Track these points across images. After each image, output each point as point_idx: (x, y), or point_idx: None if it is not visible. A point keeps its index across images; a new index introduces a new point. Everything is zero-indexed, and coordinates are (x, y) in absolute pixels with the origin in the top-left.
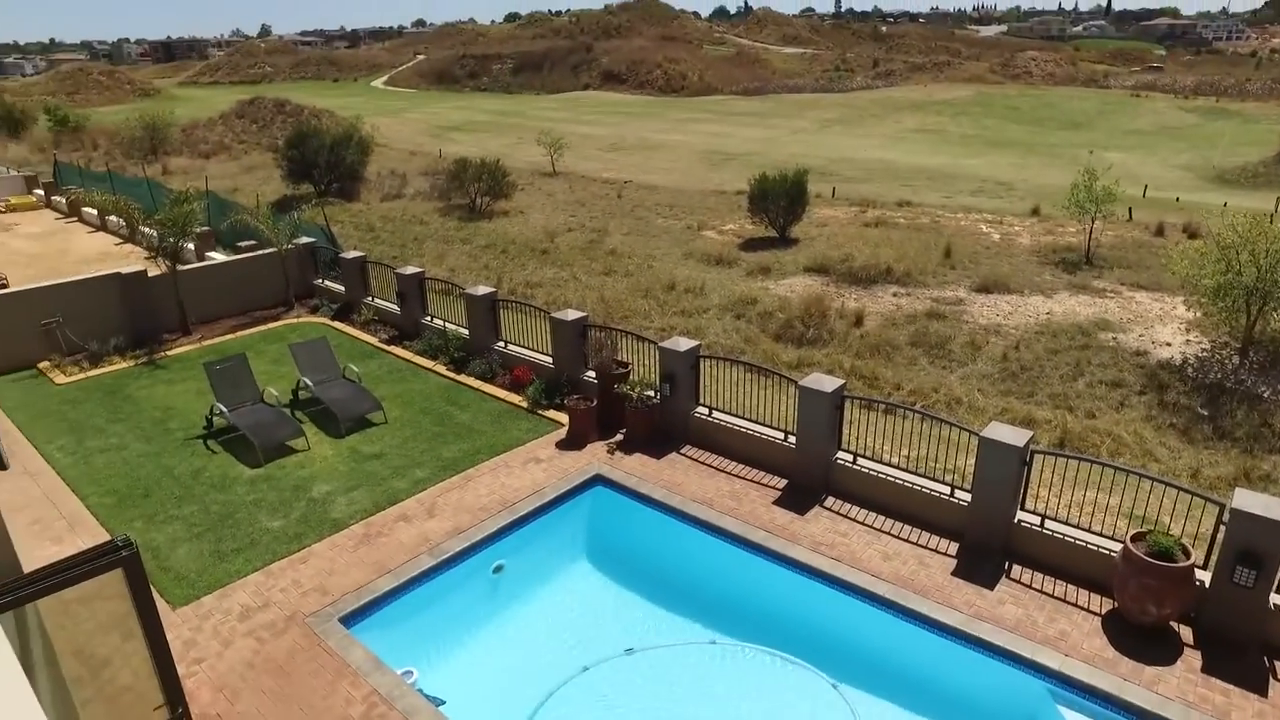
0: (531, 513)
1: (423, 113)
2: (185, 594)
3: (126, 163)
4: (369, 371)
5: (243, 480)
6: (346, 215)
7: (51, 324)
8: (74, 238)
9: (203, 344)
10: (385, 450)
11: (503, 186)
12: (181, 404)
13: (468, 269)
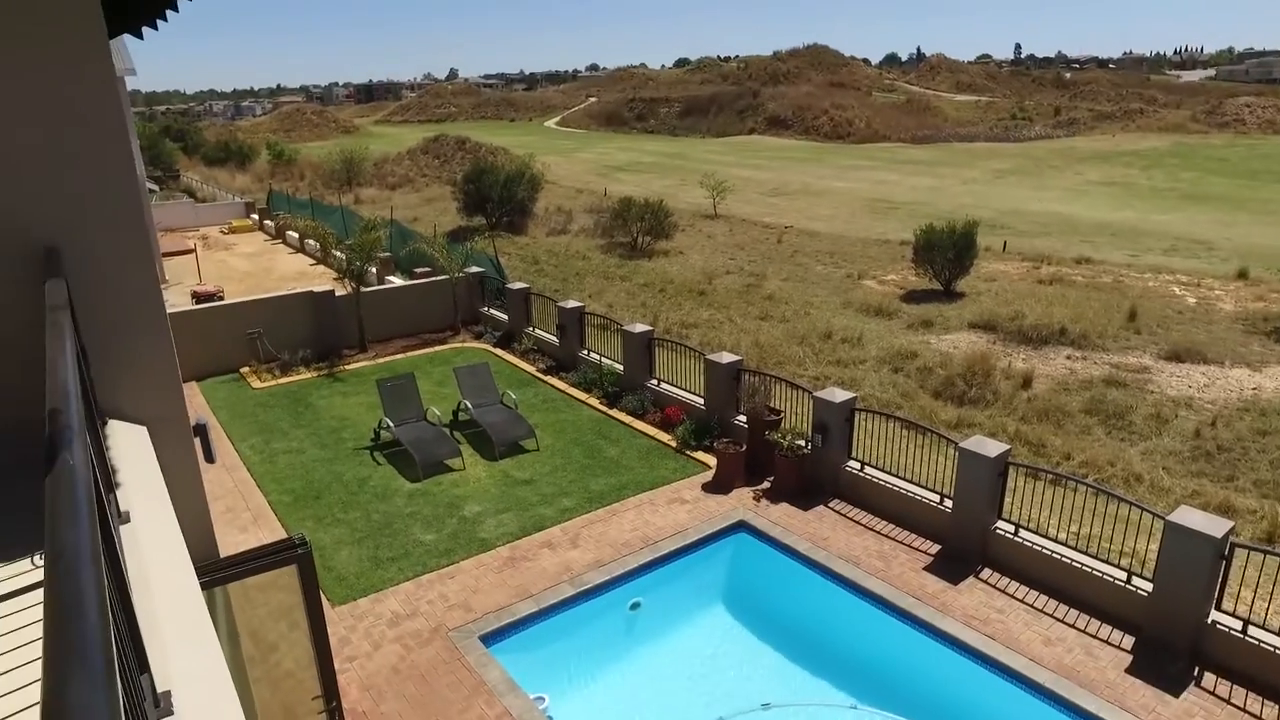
0: (673, 553)
1: (591, 153)
2: (344, 594)
3: (325, 192)
4: (525, 399)
5: (402, 493)
6: (514, 248)
7: (255, 334)
8: (278, 257)
9: (377, 361)
10: (535, 477)
11: (664, 227)
12: (354, 415)
13: (625, 306)
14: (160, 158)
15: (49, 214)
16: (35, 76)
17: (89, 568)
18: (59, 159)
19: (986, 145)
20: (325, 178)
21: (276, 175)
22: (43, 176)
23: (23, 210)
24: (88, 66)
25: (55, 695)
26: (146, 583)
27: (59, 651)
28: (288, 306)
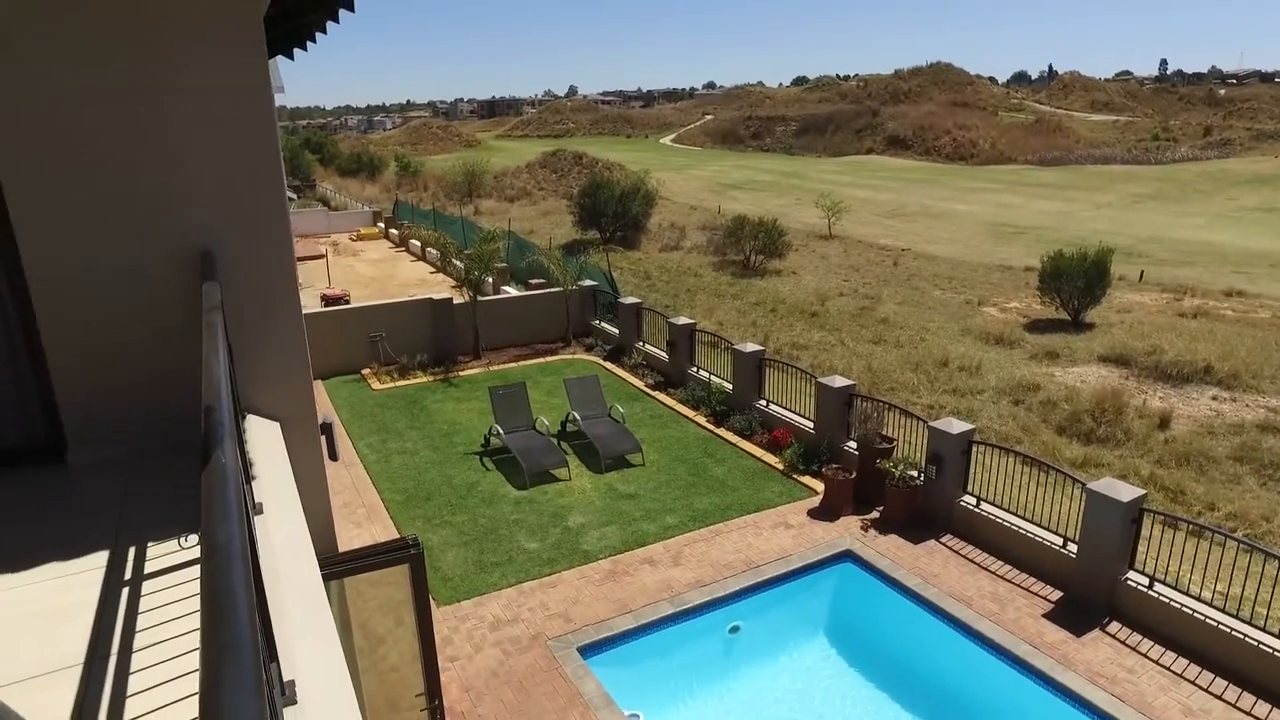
0: (776, 578)
1: (705, 170)
2: (449, 595)
3: (447, 203)
4: (633, 413)
5: (509, 499)
6: (626, 262)
7: (377, 337)
8: (400, 265)
9: (489, 369)
10: (639, 492)
11: (777, 246)
12: (466, 421)
13: (736, 324)
14: (300, 168)
15: (207, 220)
16: (204, 93)
17: (239, 566)
18: (219, 170)
19: (1124, 168)
20: (447, 189)
21: (402, 186)
22: (205, 186)
23: (186, 216)
24: (249, 85)
25: (211, 693)
26: (275, 573)
27: (214, 650)
28: (408, 312)
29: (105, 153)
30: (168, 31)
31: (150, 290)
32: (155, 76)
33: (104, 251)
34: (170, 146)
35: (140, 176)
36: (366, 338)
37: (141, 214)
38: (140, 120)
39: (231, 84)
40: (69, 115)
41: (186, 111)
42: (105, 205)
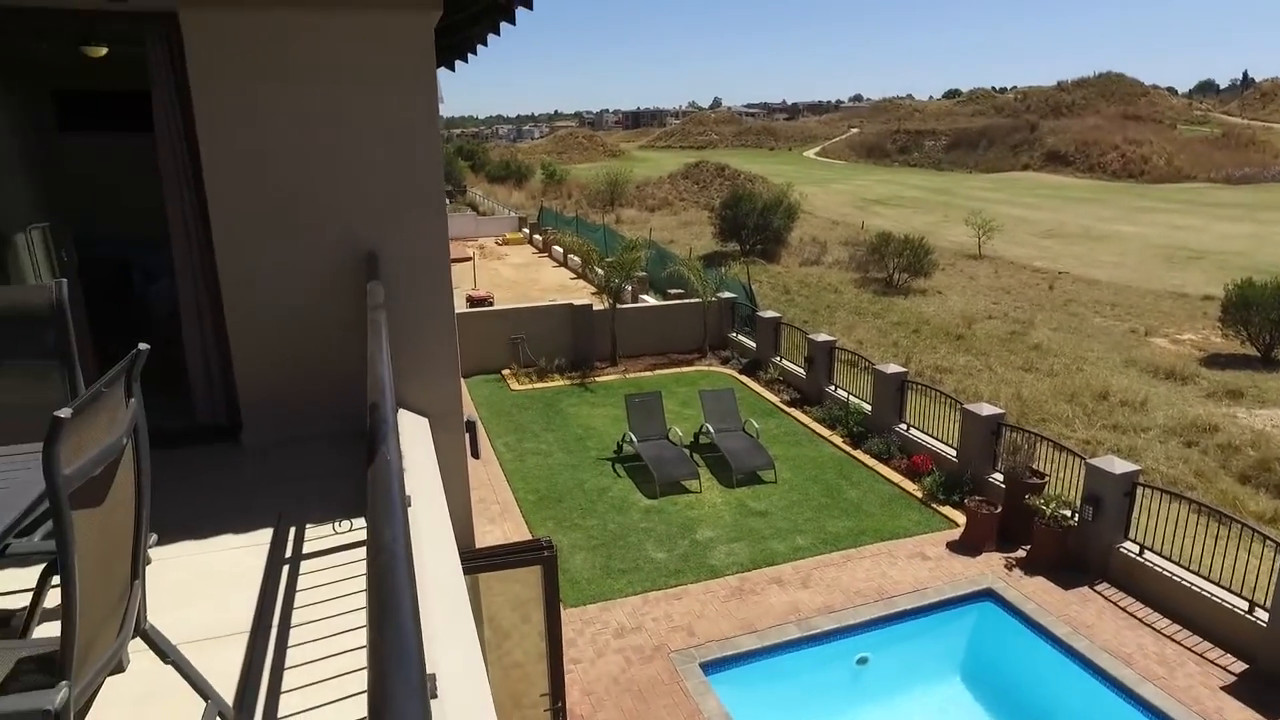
0: (909, 611)
1: (849, 184)
2: (575, 598)
3: (590, 211)
4: (767, 429)
5: (639, 507)
6: (765, 276)
7: (518, 339)
8: (542, 270)
9: (625, 376)
10: (770, 510)
11: (923, 265)
12: (600, 426)
13: (876, 344)
14: (452, 174)
15: (373, 222)
16: (377, 105)
17: (403, 567)
18: (387, 174)
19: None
20: (590, 197)
21: (548, 193)
22: (372, 190)
23: (357, 218)
24: (419, 96)
25: (379, 696)
26: (422, 565)
27: (381, 651)
28: (549, 316)
29: (288, 163)
30: (346, 47)
31: (318, 289)
32: (334, 90)
33: (281, 253)
34: (344, 155)
35: (316, 184)
36: (508, 339)
37: (315, 218)
38: (320, 132)
39: (402, 94)
40: (260, 130)
41: (360, 122)
42: (286, 211)
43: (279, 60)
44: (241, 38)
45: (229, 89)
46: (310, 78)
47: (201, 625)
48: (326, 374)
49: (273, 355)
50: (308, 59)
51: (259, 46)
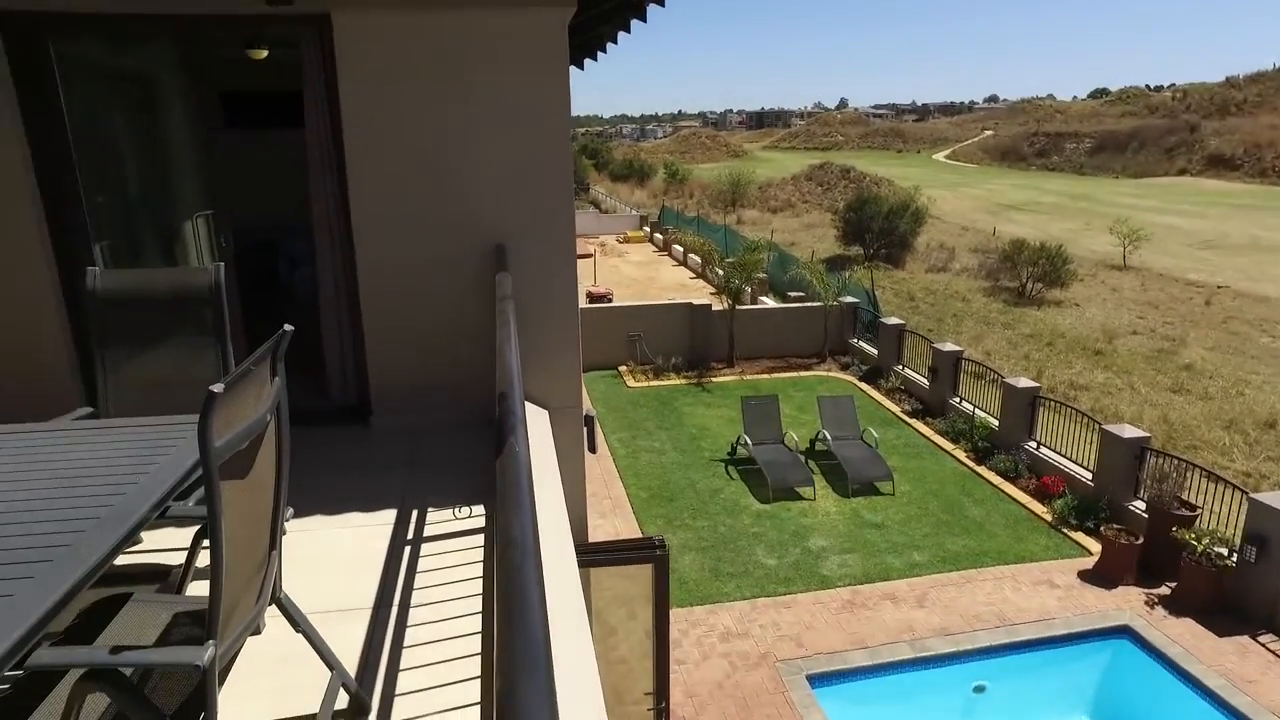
0: (1034, 641)
1: (981, 189)
2: (682, 598)
3: (711, 211)
4: (886, 439)
5: (750, 511)
6: (889, 281)
7: (635, 337)
8: (662, 268)
9: (742, 378)
10: (887, 522)
11: (1060, 274)
12: (715, 427)
13: (1005, 356)
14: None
15: (504, 215)
16: (513, 98)
17: (532, 563)
18: (518, 169)
19: None
20: (712, 197)
21: (669, 193)
22: (505, 184)
23: (488, 211)
24: (552, 92)
25: (508, 698)
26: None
27: (510, 650)
28: (667, 315)
29: (425, 157)
30: (483, 45)
31: (449, 279)
32: (470, 87)
33: (415, 245)
34: (478, 150)
35: (451, 177)
36: (626, 336)
37: (448, 211)
38: (456, 127)
39: (536, 91)
40: (400, 126)
41: (495, 118)
42: (421, 204)
43: (419, 58)
44: (386, 37)
45: (372, 86)
46: (448, 75)
47: (328, 598)
48: (453, 363)
49: (403, 342)
50: (446, 56)
51: (401, 45)
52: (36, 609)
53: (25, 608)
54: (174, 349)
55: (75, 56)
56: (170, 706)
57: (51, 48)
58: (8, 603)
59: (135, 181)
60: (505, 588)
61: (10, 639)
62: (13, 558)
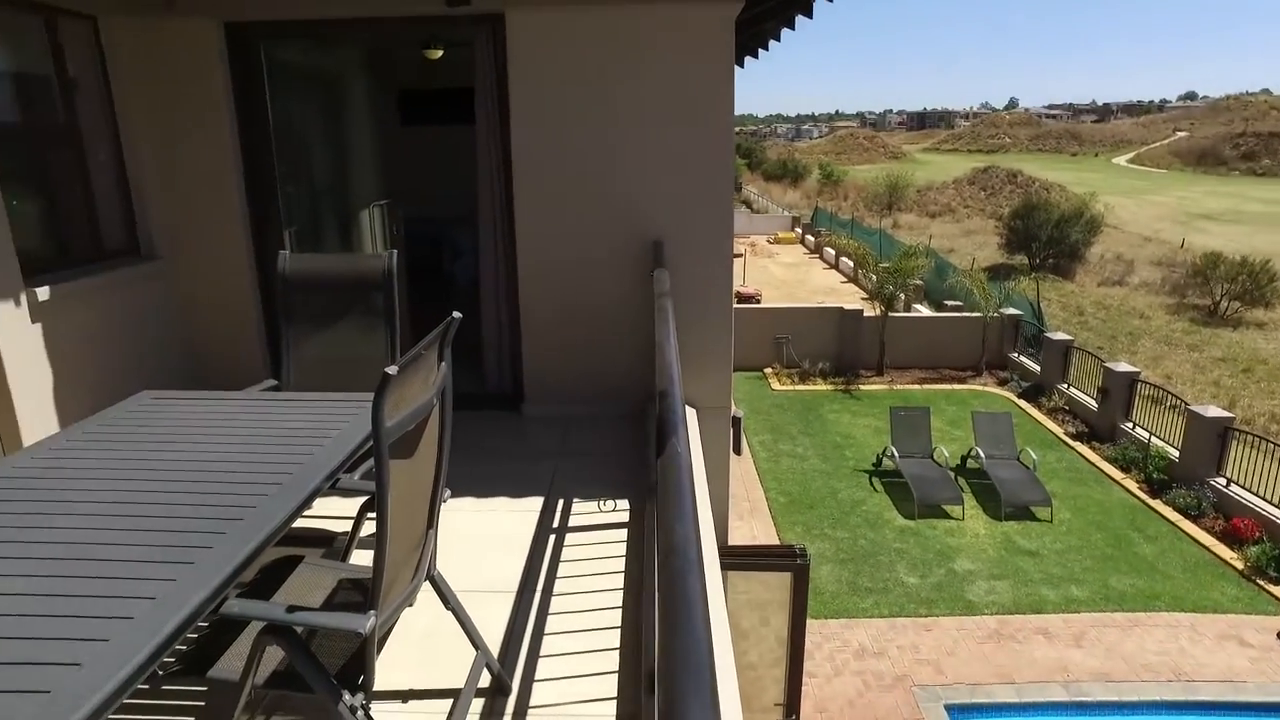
0: (1217, 705)
1: (1169, 196)
2: (816, 609)
3: (865, 214)
4: (1045, 462)
5: (893, 526)
6: (1055, 293)
7: (783, 339)
8: (812, 271)
9: (891, 387)
10: (1042, 551)
11: (1263, 292)
12: (860, 436)
13: (1190, 381)
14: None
15: (662, 212)
16: (677, 94)
17: (696, 572)
18: (680, 165)
19: None
20: (867, 200)
21: (823, 194)
22: (666, 180)
23: (647, 208)
24: (717, 89)
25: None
26: None
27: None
28: (816, 318)
29: (588, 153)
30: (651, 41)
31: (606, 274)
32: (636, 83)
33: (574, 239)
34: (640, 146)
35: (612, 173)
36: (773, 338)
37: (609, 207)
38: (620, 123)
39: (701, 87)
40: (566, 121)
41: (659, 114)
42: (582, 199)
43: (586, 55)
44: (555, 34)
45: (540, 83)
46: (613, 71)
47: (475, 578)
48: (604, 356)
49: (558, 334)
50: (612, 53)
51: (569, 42)
52: (231, 562)
53: (222, 560)
54: (348, 329)
55: (278, 60)
56: (333, 667)
57: (263, 52)
58: (208, 554)
59: (321, 173)
60: (667, 595)
61: (210, 585)
62: (213, 514)
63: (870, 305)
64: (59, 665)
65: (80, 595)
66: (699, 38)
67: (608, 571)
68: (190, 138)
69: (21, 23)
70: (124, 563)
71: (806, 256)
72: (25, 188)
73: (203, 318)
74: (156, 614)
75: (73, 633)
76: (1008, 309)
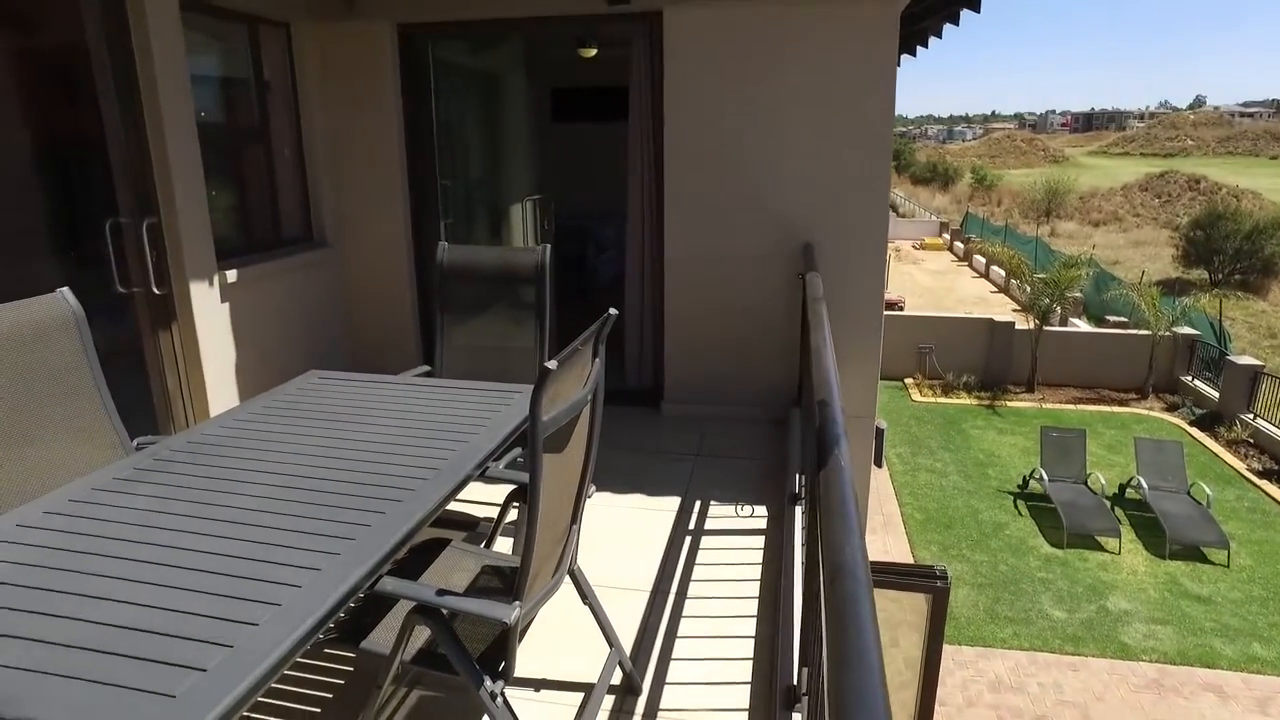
0: None
1: None
2: (950, 634)
3: (1020, 221)
4: (1222, 499)
5: (1038, 554)
6: (1242, 313)
7: (926, 349)
8: (959, 279)
9: (1042, 406)
10: (1216, 598)
11: None
12: (1005, 455)
13: None
14: None
15: (814, 214)
16: (836, 92)
17: (866, 595)
18: (835, 166)
19: None
20: (1023, 206)
21: (974, 199)
22: (819, 181)
23: (798, 209)
24: (878, 87)
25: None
26: None
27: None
28: (963, 329)
29: (742, 151)
30: (813, 37)
31: (752, 276)
32: (794, 80)
33: (723, 239)
34: (795, 145)
35: (765, 172)
36: (916, 347)
37: (759, 207)
38: (776, 122)
39: (861, 85)
40: (721, 119)
41: (816, 113)
42: (733, 199)
43: (744, 51)
44: (712, 31)
45: (697, 79)
46: (771, 67)
47: (610, 574)
48: (746, 358)
49: (701, 333)
50: (771, 48)
51: (726, 39)
52: (389, 540)
53: (381, 537)
54: (500, 319)
55: (440, 59)
56: (474, 650)
57: (431, 52)
58: (368, 532)
59: (476, 167)
60: (838, 622)
61: (369, 563)
62: (374, 493)
63: (1023, 318)
64: (241, 623)
65: (259, 560)
66: (861, 32)
67: (743, 579)
68: (360, 132)
69: (229, 31)
70: (294, 533)
71: (954, 264)
72: (224, 180)
73: (363, 302)
74: (321, 585)
75: (251, 594)
76: (1182, 328)
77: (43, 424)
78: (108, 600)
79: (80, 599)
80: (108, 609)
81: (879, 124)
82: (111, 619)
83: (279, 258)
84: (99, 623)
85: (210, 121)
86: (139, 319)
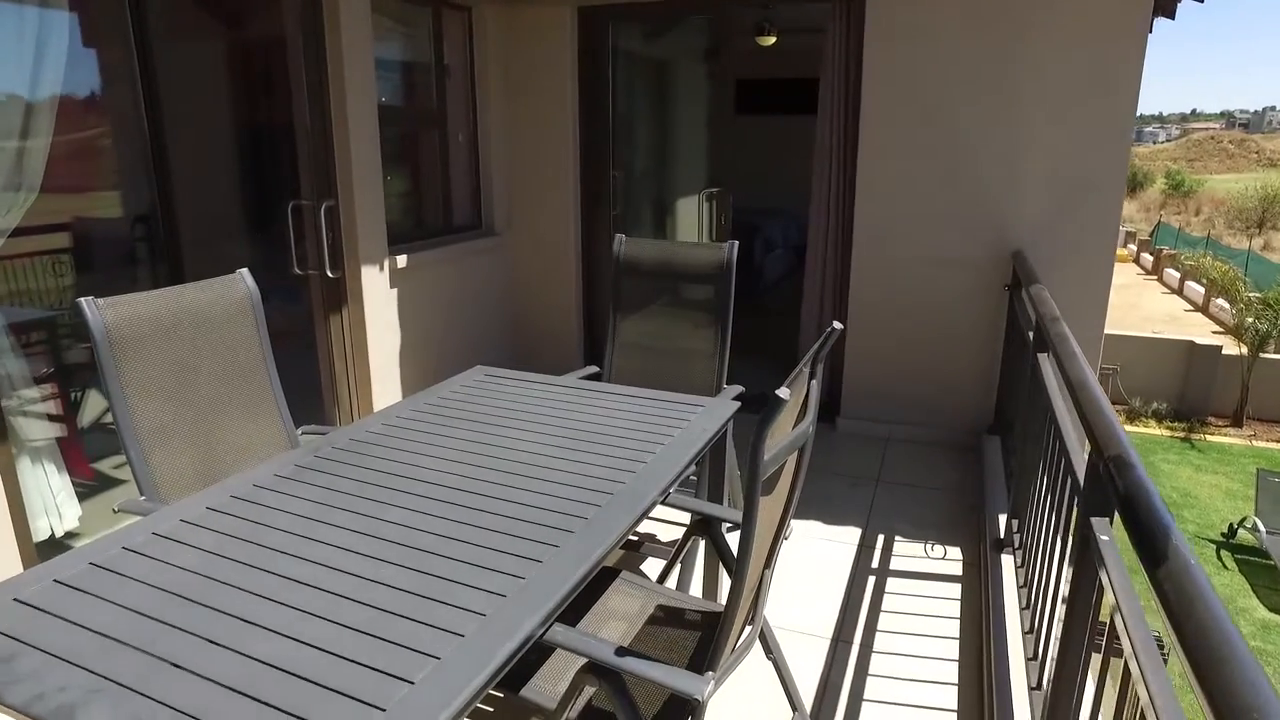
0: None
1: None
2: None
3: (1225, 232)
4: None
5: (1252, 618)
6: None
7: (1110, 370)
8: (1147, 294)
9: (1252, 444)
10: None
11: None
12: (1203, 497)
13: None
14: None
15: (1028, 218)
16: (1066, 79)
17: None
18: (1058, 165)
19: None
20: (1229, 216)
21: (1168, 206)
22: (1037, 182)
23: (1009, 213)
24: (1120, 67)
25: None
26: None
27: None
28: (1154, 350)
29: (948, 148)
30: (1035, 19)
31: (947, 283)
32: (1013, 66)
33: (919, 245)
34: (1011, 142)
35: (972, 172)
36: (1098, 367)
37: (960, 209)
38: (989, 116)
39: (1096, 75)
40: (925, 114)
41: (1036, 107)
42: (934, 200)
43: (958, 35)
44: (923, 11)
45: (899, 67)
46: (987, 54)
47: (788, 616)
48: (937, 375)
49: (886, 344)
50: (989, 32)
51: (941, 21)
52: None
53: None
54: (677, 320)
55: (619, 46)
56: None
57: (611, 33)
58: (539, 569)
59: (652, 159)
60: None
61: (544, 608)
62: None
63: (1232, 342)
64: (396, 679)
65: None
66: (1100, 10)
67: (937, 635)
68: (536, 119)
69: (413, 15)
70: (458, 563)
71: (1140, 277)
72: (399, 165)
73: (527, 293)
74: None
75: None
76: None
77: (217, 399)
78: (244, 622)
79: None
80: (243, 635)
81: (1118, 120)
82: (246, 649)
83: (448, 245)
84: (230, 649)
85: (389, 105)
86: (312, 301)
